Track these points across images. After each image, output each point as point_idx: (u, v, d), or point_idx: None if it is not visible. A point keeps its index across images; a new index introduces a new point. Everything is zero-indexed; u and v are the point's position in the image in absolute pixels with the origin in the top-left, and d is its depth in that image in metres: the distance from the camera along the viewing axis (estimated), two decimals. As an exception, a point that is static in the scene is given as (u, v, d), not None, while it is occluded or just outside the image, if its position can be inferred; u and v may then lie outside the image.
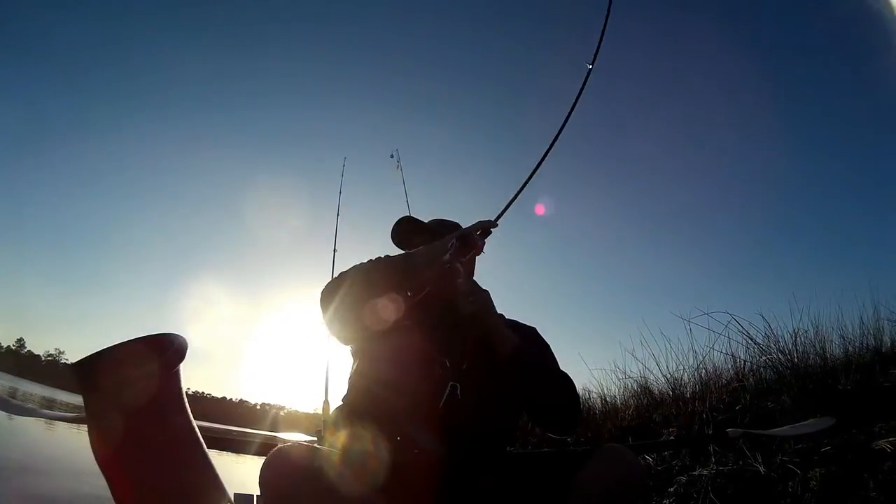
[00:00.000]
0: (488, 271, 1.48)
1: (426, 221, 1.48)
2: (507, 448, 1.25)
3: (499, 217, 1.40)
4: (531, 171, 1.53)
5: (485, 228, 1.31)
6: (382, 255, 1.28)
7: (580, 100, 1.63)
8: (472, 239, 1.26)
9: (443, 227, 1.43)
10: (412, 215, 1.51)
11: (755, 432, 2.02)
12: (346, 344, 1.32)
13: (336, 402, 1.33)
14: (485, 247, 1.34)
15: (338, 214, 2.72)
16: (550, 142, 1.57)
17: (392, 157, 2.54)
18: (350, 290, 1.20)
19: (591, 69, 1.67)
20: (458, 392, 1.16)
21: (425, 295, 1.28)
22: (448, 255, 1.21)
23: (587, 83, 1.66)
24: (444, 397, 1.15)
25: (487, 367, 1.21)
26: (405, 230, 1.45)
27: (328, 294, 1.23)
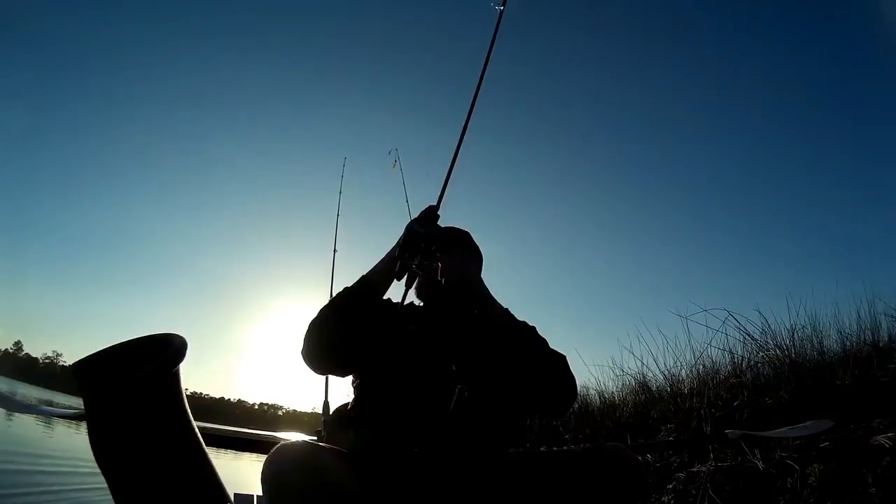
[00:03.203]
0: (487, 272, 1.46)
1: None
2: (510, 449, 1.25)
3: (440, 199, 1.35)
4: (458, 141, 1.40)
5: (428, 214, 1.29)
6: (342, 289, 1.29)
7: (495, 46, 1.48)
8: (414, 235, 1.22)
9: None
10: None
11: (754, 434, 2.02)
12: (344, 375, 1.32)
13: (336, 402, 1.33)
14: (441, 238, 1.28)
15: (338, 214, 2.69)
16: (471, 101, 1.45)
17: (390, 154, 2.50)
18: (322, 329, 1.22)
19: (502, 10, 1.53)
20: (466, 394, 1.16)
21: (424, 299, 1.28)
22: (398, 258, 1.20)
23: (500, 27, 1.52)
24: (454, 400, 1.14)
25: (492, 367, 1.20)
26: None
27: (308, 339, 1.23)
